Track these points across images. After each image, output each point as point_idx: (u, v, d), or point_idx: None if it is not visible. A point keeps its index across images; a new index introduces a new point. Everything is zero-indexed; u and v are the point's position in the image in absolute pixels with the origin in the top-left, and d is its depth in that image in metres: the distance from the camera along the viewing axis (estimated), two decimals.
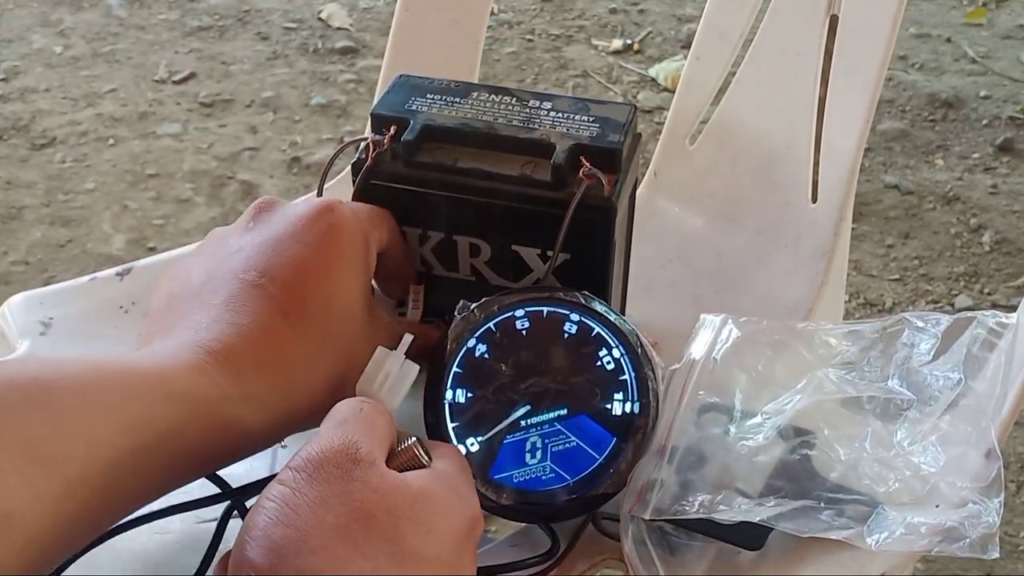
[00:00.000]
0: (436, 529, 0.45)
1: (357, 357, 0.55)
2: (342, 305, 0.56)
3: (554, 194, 0.61)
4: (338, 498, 0.43)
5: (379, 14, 2.24)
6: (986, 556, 0.54)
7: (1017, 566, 1.26)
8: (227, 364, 0.51)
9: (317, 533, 0.42)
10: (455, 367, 0.57)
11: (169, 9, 2.26)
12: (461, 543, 0.46)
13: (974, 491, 0.57)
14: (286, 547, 0.42)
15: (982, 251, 1.69)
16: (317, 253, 0.56)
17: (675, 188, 0.89)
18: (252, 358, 0.52)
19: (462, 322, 0.57)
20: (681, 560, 0.57)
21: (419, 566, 0.43)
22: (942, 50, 2.14)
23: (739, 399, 0.60)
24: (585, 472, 0.59)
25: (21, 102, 1.97)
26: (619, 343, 0.59)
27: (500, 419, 0.58)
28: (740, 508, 0.56)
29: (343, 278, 0.56)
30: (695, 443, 0.58)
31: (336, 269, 0.56)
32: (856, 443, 0.59)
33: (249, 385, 0.51)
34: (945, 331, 0.62)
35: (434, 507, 0.45)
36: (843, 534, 0.56)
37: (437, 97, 0.65)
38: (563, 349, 0.58)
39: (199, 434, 0.49)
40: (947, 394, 0.60)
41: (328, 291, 0.55)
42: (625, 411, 0.59)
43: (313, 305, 0.55)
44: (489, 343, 0.58)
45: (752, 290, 0.82)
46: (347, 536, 0.42)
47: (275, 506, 0.43)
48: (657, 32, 2.20)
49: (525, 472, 0.58)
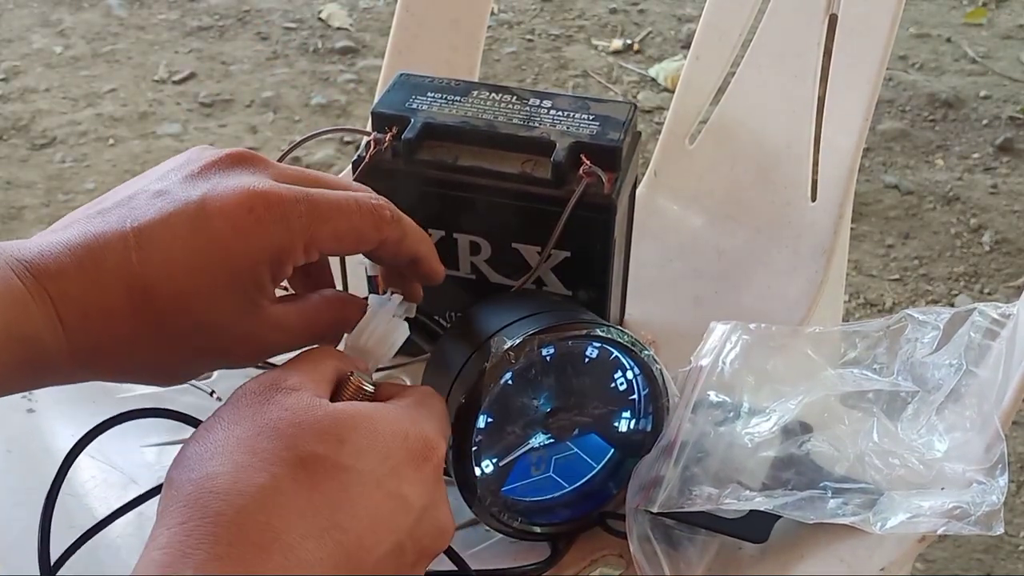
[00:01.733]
0: (356, 443, 0.44)
1: (225, 346, 0.51)
2: (200, 301, 0.49)
3: (554, 192, 0.61)
4: (251, 419, 0.45)
5: (379, 14, 2.24)
6: (991, 533, 0.55)
7: (1017, 566, 1.26)
8: (47, 301, 0.47)
9: (222, 444, 0.44)
10: (486, 404, 0.56)
11: (169, 9, 2.26)
12: (399, 462, 0.45)
13: (978, 472, 0.57)
14: (193, 458, 0.43)
15: (982, 251, 1.69)
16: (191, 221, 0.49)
17: (675, 187, 0.89)
18: (77, 305, 0.47)
19: (499, 362, 0.54)
20: (684, 555, 0.57)
21: (329, 474, 0.43)
22: (942, 50, 2.14)
23: (746, 398, 0.61)
24: (583, 480, 0.60)
25: (21, 102, 1.97)
26: (634, 364, 0.59)
27: (519, 446, 0.58)
28: (747, 499, 0.57)
29: (210, 270, 0.49)
30: (702, 440, 0.59)
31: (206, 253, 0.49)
32: (861, 436, 0.60)
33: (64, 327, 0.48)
34: (947, 323, 0.62)
35: (360, 425, 0.45)
36: (849, 519, 0.56)
37: (438, 96, 0.66)
38: (583, 377, 0.58)
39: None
40: (949, 382, 0.61)
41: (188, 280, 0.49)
42: (631, 428, 0.60)
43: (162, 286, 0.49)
44: (519, 379, 0.56)
45: (752, 289, 0.82)
46: (249, 446, 0.43)
47: (198, 431, 0.45)
48: (657, 32, 2.20)
49: (530, 484, 0.59)
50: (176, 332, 0.49)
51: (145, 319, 0.48)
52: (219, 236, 0.49)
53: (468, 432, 0.55)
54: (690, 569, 0.57)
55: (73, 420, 0.70)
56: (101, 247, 0.48)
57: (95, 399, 0.70)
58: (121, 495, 0.64)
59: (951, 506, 0.56)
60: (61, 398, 0.71)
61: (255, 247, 0.49)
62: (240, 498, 0.41)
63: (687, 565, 0.57)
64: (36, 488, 0.65)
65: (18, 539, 0.62)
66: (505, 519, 0.59)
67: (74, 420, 0.70)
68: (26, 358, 0.47)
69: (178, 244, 0.48)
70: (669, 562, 0.57)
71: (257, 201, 0.49)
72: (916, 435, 0.60)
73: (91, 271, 0.48)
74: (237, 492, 0.41)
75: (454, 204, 0.63)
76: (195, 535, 0.40)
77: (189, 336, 0.50)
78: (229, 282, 0.49)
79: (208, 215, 0.49)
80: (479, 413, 0.55)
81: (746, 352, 0.62)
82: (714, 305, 0.80)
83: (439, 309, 0.66)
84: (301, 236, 0.50)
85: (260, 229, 0.49)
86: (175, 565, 0.39)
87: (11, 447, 0.68)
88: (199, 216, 0.49)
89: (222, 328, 0.50)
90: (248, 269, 0.49)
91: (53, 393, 0.71)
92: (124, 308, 0.48)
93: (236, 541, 0.40)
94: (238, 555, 0.40)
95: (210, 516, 0.41)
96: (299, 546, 0.41)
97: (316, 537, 0.42)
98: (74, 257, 0.48)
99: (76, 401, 0.70)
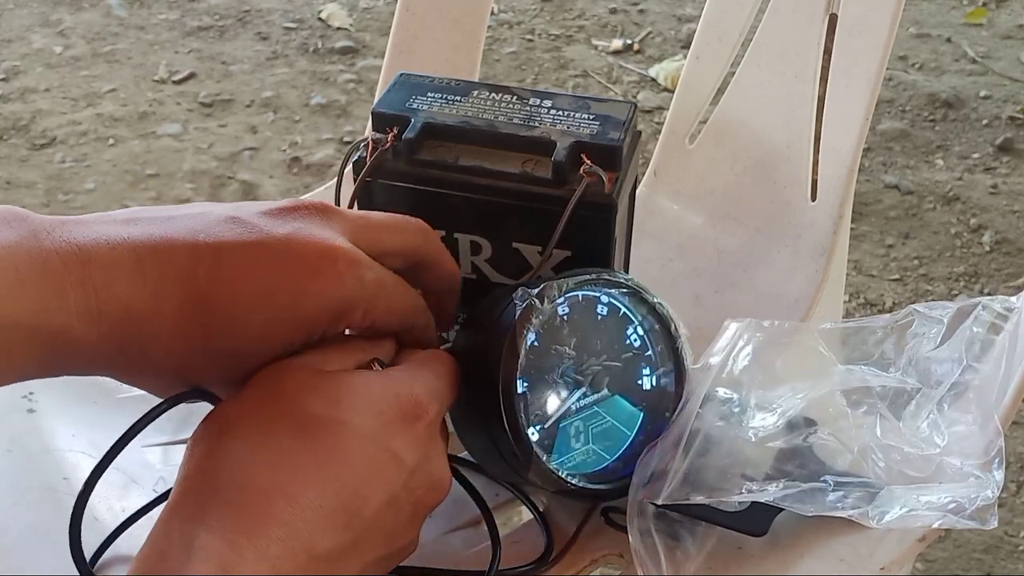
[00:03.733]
0: (351, 400, 0.48)
1: (246, 375, 0.51)
2: (255, 329, 0.50)
3: (555, 191, 0.61)
4: (261, 388, 0.49)
5: (379, 14, 2.25)
6: (985, 526, 0.56)
7: (1017, 566, 1.26)
8: (90, 291, 0.47)
9: (232, 408, 0.49)
10: (520, 370, 0.56)
11: (169, 9, 2.26)
12: (391, 419, 0.49)
13: (976, 467, 0.58)
14: (207, 425, 0.49)
15: (982, 251, 1.69)
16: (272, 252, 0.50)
17: (675, 187, 0.89)
18: (116, 303, 0.47)
19: (526, 311, 0.56)
20: (683, 546, 0.58)
21: (327, 429, 0.47)
22: (942, 50, 2.15)
23: (755, 394, 0.62)
24: (624, 448, 0.60)
25: (21, 102, 1.98)
26: (642, 317, 0.60)
27: (560, 407, 0.58)
28: (748, 490, 0.57)
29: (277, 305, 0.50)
30: (707, 433, 0.59)
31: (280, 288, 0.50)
32: (864, 431, 0.60)
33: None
34: (951, 317, 0.63)
35: (355, 386, 0.49)
36: (847, 513, 0.57)
37: (438, 95, 0.66)
38: (599, 334, 0.59)
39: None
40: (951, 377, 0.62)
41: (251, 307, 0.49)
42: (654, 385, 0.61)
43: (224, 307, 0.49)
44: (544, 335, 0.57)
45: (752, 288, 0.82)
46: (253, 407, 0.49)
47: (227, 403, 0.50)
48: (657, 32, 2.20)
49: (574, 458, 0.59)
50: (214, 352, 0.50)
51: (190, 333, 0.49)
52: (297, 275, 0.50)
53: (513, 403, 0.55)
54: (687, 560, 0.57)
55: (73, 420, 0.70)
56: (168, 251, 0.48)
57: (95, 400, 0.70)
58: (122, 496, 0.64)
59: (947, 500, 0.56)
60: (61, 398, 0.71)
61: (327, 295, 0.50)
62: (249, 456, 0.47)
63: (684, 555, 0.57)
64: (36, 488, 0.65)
65: (18, 539, 0.62)
66: (564, 476, 0.58)
67: (74, 420, 0.70)
68: (56, 348, 0.47)
69: (252, 270, 0.49)
70: (668, 557, 0.57)
71: (340, 255, 0.51)
72: (917, 430, 0.61)
73: (151, 271, 0.48)
74: (247, 450, 0.47)
75: (455, 204, 0.63)
76: (208, 490, 0.45)
77: (223, 359, 0.50)
78: (288, 321, 0.50)
79: (292, 254, 0.50)
80: (517, 378, 0.56)
81: (757, 349, 0.63)
82: (714, 305, 0.81)
83: None
84: (365, 300, 0.52)
85: (337, 281, 0.51)
86: (192, 517, 0.45)
87: (11, 447, 0.68)
88: (283, 251, 0.50)
89: (258, 358, 0.51)
90: (312, 316, 0.51)
91: (53, 393, 0.71)
92: (173, 316, 0.48)
93: (247, 489, 0.45)
94: (247, 503, 0.45)
95: (225, 473, 0.46)
96: (300, 495, 0.45)
97: (317, 487, 0.46)
98: (135, 254, 0.48)
99: (76, 401, 0.70)
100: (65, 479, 0.66)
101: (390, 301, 0.54)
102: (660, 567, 0.57)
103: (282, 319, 0.50)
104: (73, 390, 0.71)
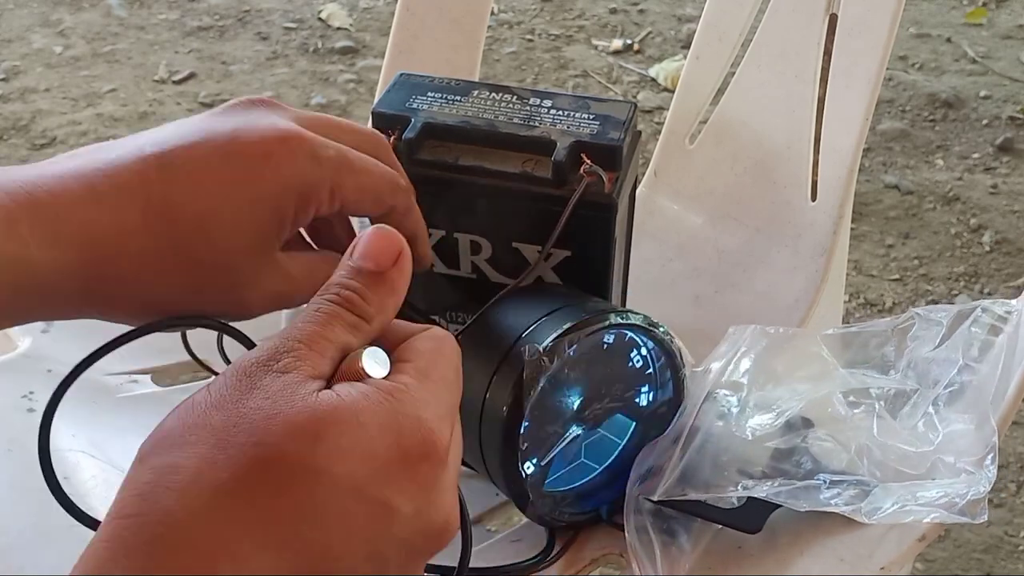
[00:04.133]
0: (335, 441, 0.39)
1: (231, 284, 0.50)
2: (222, 226, 0.49)
3: (555, 191, 0.61)
4: (232, 405, 0.40)
5: (379, 14, 2.25)
6: (975, 521, 0.56)
7: (1017, 566, 1.26)
8: (44, 219, 0.46)
9: (196, 429, 0.40)
10: (528, 410, 0.56)
11: (169, 9, 2.26)
12: (386, 462, 0.39)
13: (969, 463, 0.59)
14: (164, 438, 0.40)
15: (982, 251, 1.69)
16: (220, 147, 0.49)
17: (675, 187, 0.89)
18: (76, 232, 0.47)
19: (533, 368, 0.55)
20: (677, 542, 0.58)
21: (297, 477, 0.38)
22: (942, 50, 2.15)
23: (755, 395, 0.62)
24: (612, 458, 0.61)
25: (21, 102, 1.98)
26: (648, 339, 0.60)
27: (557, 443, 0.59)
28: (743, 487, 0.58)
29: (236, 194, 0.49)
30: (705, 431, 0.60)
31: (235, 178, 0.49)
32: (861, 431, 0.61)
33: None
34: (951, 320, 0.63)
35: (342, 419, 0.39)
36: (840, 508, 0.57)
37: (438, 95, 0.66)
38: (605, 364, 0.59)
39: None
40: (949, 377, 0.62)
41: (212, 201, 0.49)
42: (651, 400, 0.61)
43: (185, 206, 0.48)
44: (552, 380, 0.57)
45: (752, 288, 0.82)
46: (221, 439, 0.39)
47: (185, 404, 0.41)
48: (657, 32, 2.20)
49: (565, 475, 0.60)
50: (190, 257, 0.49)
51: (159, 240, 0.48)
52: (250, 162, 0.49)
53: (513, 444, 0.56)
54: (682, 556, 0.58)
55: (73, 419, 0.70)
56: (116, 167, 0.48)
57: (95, 399, 0.70)
58: None
59: (939, 495, 0.57)
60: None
61: (284, 175, 0.49)
62: (195, 500, 0.38)
63: (679, 551, 0.58)
64: (36, 488, 0.65)
65: (18, 539, 0.62)
66: (557, 515, 0.60)
67: (74, 419, 0.70)
68: (17, 280, 0.46)
69: (204, 167, 0.49)
70: (664, 553, 0.57)
71: (291, 135, 0.50)
72: (913, 429, 0.61)
73: (104, 190, 0.47)
74: (194, 493, 0.38)
75: (455, 204, 0.63)
76: (141, 534, 0.37)
77: (201, 264, 0.49)
78: (252, 210, 0.49)
79: (240, 143, 0.49)
80: (522, 423, 0.56)
81: (759, 353, 0.63)
82: (714, 305, 0.81)
83: (439, 309, 0.66)
84: (329, 178, 0.50)
85: (291, 160, 0.49)
86: (110, 565, 0.37)
87: (11, 447, 0.68)
88: (231, 143, 0.49)
89: (234, 263, 0.50)
90: (274, 197, 0.49)
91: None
92: (137, 226, 0.48)
93: (182, 547, 0.37)
94: (181, 563, 0.37)
95: (158, 515, 0.37)
96: (253, 557, 0.37)
97: (275, 548, 0.37)
98: (84, 179, 0.47)
99: (76, 400, 0.70)
100: (65, 479, 0.66)
101: (358, 179, 0.52)
102: (655, 563, 0.57)
103: (245, 209, 0.49)
104: (73, 390, 0.71)
